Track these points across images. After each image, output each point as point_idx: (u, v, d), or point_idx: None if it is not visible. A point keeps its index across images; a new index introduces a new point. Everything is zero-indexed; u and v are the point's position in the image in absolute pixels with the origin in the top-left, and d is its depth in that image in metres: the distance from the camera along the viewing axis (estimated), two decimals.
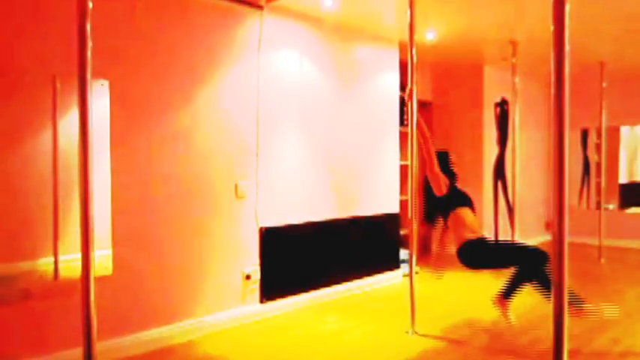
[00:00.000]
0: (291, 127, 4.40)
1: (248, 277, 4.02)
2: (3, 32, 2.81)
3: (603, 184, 6.43)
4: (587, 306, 3.32)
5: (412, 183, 3.63)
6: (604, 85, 6.36)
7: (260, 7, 4.09)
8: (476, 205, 6.62)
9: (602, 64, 6.25)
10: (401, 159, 5.55)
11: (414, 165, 3.63)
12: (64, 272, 2.98)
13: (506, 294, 3.57)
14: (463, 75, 6.81)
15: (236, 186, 3.95)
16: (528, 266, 3.48)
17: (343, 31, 4.85)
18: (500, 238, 3.65)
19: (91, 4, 2.00)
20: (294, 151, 4.43)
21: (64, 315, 3.01)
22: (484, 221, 6.68)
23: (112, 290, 3.21)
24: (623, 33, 5.13)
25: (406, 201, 3.92)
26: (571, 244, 1.79)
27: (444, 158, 3.78)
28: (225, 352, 3.39)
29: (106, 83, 3.17)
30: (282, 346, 3.48)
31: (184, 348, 3.46)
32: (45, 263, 2.94)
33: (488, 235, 6.60)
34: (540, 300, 4.54)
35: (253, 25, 4.08)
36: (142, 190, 3.40)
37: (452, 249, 3.72)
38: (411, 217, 3.60)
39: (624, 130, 7.48)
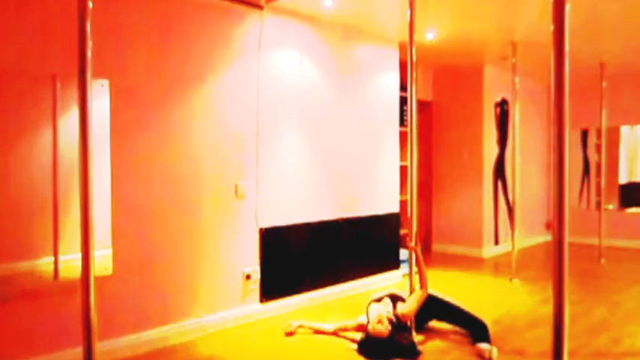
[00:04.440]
0: (291, 126, 4.40)
1: (248, 277, 4.02)
2: (3, 32, 2.81)
3: (603, 184, 6.43)
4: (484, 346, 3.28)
5: (412, 183, 3.63)
6: (604, 85, 6.36)
7: (260, 7, 4.09)
8: (476, 205, 6.67)
9: (602, 64, 6.25)
10: (401, 159, 5.55)
11: (413, 165, 3.62)
12: (64, 272, 2.98)
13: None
14: (463, 75, 6.82)
15: (236, 186, 3.95)
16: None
17: (343, 31, 4.85)
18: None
19: (91, 4, 2.00)
20: (294, 151, 4.43)
21: (64, 315, 3.01)
22: (485, 222, 6.69)
23: (112, 290, 3.21)
24: (623, 33, 5.13)
25: (406, 201, 3.92)
26: (571, 244, 1.78)
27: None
28: (225, 352, 3.39)
29: (106, 83, 3.16)
30: (282, 346, 3.48)
31: (184, 348, 3.46)
32: (45, 263, 2.93)
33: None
34: (540, 300, 4.55)
35: (253, 25, 4.08)
36: (142, 190, 3.40)
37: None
38: (411, 217, 3.60)
39: (624, 130, 7.48)
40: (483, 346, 3.28)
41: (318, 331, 3.70)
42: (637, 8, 4.32)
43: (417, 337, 3.57)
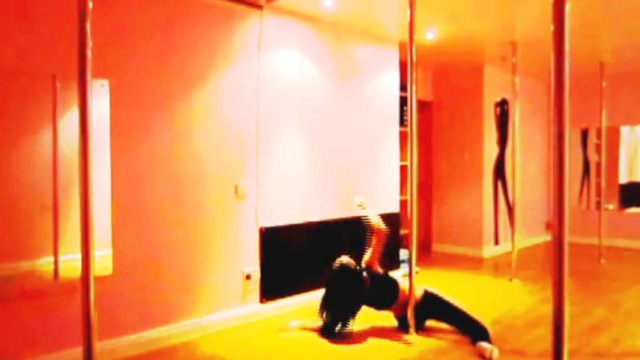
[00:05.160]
0: (291, 126, 4.41)
1: (248, 277, 4.02)
2: (3, 32, 2.81)
3: (603, 184, 6.43)
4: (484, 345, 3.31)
5: (412, 183, 3.63)
6: (604, 85, 6.36)
7: (260, 7, 4.09)
8: (476, 205, 6.68)
9: (602, 64, 6.25)
10: (401, 159, 5.55)
11: (413, 165, 3.62)
12: (64, 272, 2.98)
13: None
14: (463, 75, 6.82)
15: (236, 186, 3.95)
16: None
17: (343, 31, 4.85)
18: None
19: (91, 4, 2.00)
20: (294, 151, 4.43)
21: (64, 315, 3.01)
22: (485, 222, 6.69)
23: (112, 290, 3.21)
24: (623, 33, 5.13)
25: (406, 201, 3.92)
26: (571, 244, 1.79)
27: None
28: (225, 352, 3.39)
29: (106, 83, 3.17)
30: (282, 346, 3.48)
31: (184, 348, 3.46)
32: (45, 263, 2.93)
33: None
34: (540, 300, 4.55)
35: (253, 25, 4.08)
36: (142, 190, 3.40)
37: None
38: (411, 217, 3.60)
39: (624, 130, 7.48)
40: (485, 345, 3.28)
41: (317, 330, 3.71)
42: (637, 7, 4.32)
43: (416, 337, 3.57)
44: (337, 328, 3.65)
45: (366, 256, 3.85)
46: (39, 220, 2.92)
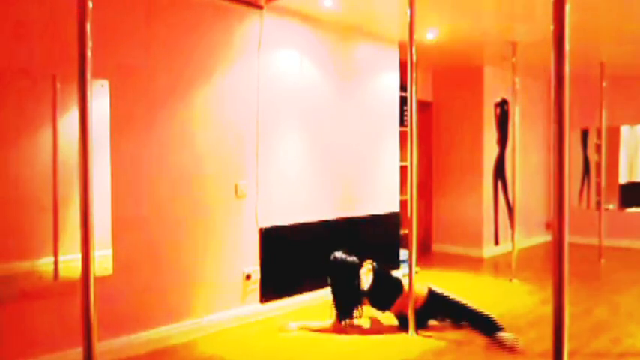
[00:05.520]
0: (291, 126, 4.40)
1: (248, 277, 4.02)
2: (3, 32, 2.82)
3: (603, 184, 6.43)
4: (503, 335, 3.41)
5: (412, 183, 3.63)
6: (604, 85, 6.36)
7: (260, 7, 4.09)
8: (475, 205, 6.68)
9: (602, 64, 6.25)
10: (401, 159, 5.55)
11: (413, 165, 3.63)
12: (64, 272, 2.98)
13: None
14: (463, 75, 6.81)
15: (236, 186, 3.95)
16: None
17: (343, 31, 4.85)
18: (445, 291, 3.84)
19: (91, 4, 2.00)
20: (294, 151, 4.43)
21: (64, 315, 3.01)
22: (485, 222, 6.69)
23: (112, 290, 3.21)
24: (623, 33, 5.13)
25: (406, 201, 3.92)
26: (571, 244, 1.79)
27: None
28: (225, 352, 3.39)
29: (106, 83, 3.16)
30: (282, 346, 3.48)
31: (184, 348, 3.46)
32: (45, 263, 2.94)
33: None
34: (540, 300, 4.55)
35: (253, 24, 4.08)
36: (142, 190, 3.40)
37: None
38: (411, 217, 3.61)
39: (624, 130, 7.48)
40: (504, 335, 3.37)
41: (317, 330, 3.71)
42: (637, 8, 4.32)
43: (416, 336, 3.57)
44: (343, 323, 3.70)
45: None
46: (39, 220, 2.92)
